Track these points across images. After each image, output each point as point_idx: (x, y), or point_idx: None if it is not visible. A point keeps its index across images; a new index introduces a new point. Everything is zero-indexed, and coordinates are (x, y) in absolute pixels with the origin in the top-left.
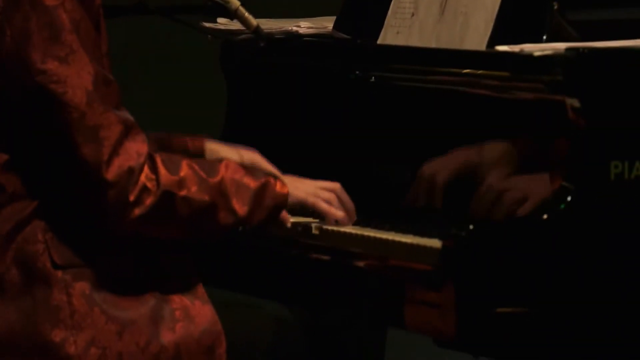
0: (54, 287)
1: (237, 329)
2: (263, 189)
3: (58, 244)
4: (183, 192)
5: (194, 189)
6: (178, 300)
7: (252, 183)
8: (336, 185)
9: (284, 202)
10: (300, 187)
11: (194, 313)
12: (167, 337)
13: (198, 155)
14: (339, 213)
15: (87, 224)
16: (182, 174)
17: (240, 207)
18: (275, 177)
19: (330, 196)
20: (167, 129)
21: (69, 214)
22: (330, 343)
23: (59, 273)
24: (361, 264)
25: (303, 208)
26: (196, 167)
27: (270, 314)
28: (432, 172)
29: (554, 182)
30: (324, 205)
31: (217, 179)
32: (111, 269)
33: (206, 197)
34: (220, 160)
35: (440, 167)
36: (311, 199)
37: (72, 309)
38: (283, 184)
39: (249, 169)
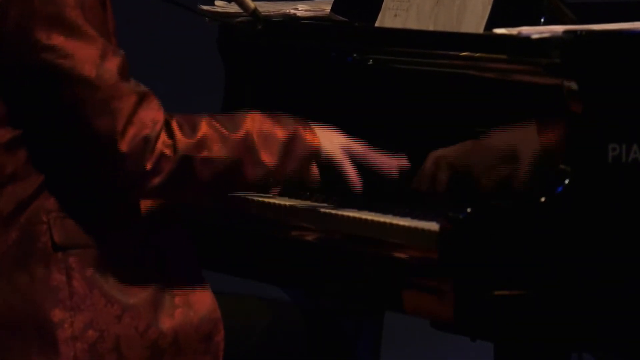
0: (53, 268)
1: (235, 313)
2: (293, 139)
3: (61, 224)
4: (203, 154)
5: (215, 147)
6: (178, 286)
7: (280, 133)
8: (366, 151)
9: (316, 152)
10: (333, 141)
11: (193, 300)
12: (166, 324)
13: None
14: (359, 184)
15: (89, 205)
16: (200, 134)
17: (269, 159)
18: (306, 126)
19: (369, 154)
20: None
21: (72, 194)
22: (328, 326)
23: (59, 254)
24: (359, 247)
25: (329, 164)
26: (217, 124)
27: (268, 298)
28: (430, 157)
29: (551, 165)
30: (349, 169)
31: (241, 133)
32: (113, 252)
33: (229, 154)
34: (244, 113)
35: (439, 152)
36: (339, 157)
37: (72, 290)
38: (314, 134)
39: (277, 119)
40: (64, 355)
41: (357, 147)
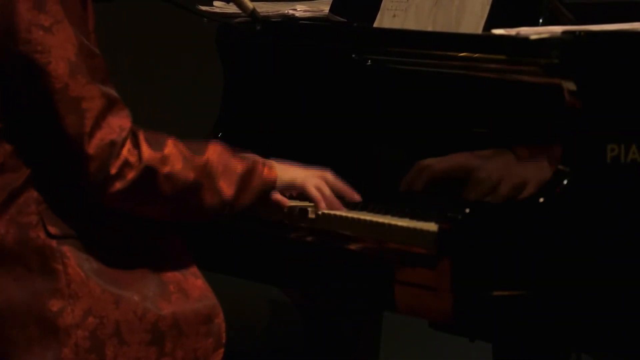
0: (49, 257)
1: (233, 311)
2: (250, 172)
3: (52, 215)
4: (166, 169)
5: (178, 166)
6: (170, 275)
7: (239, 166)
8: (326, 173)
9: (271, 185)
10: (289, 171)
11: (186, 287)
12: (164, 308)
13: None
14: (322, 204)
15: (80, 195)
16: (166, 151)
17: (227, 188)
18: (264, 161)
19: (320, 182)
20: (162, 113)
21: (61, 184)
22: (327, 326)
23: (54, 243)
24: (358, 247)
25: (291, 192)
26: (181, 146)
27: (266, 297)
28: (429, 157)
29: (550, 165)
30: (312, 190)
31: (203, 159)
32: (103, 242)
33: (191, 176)
34: (207, 141)
35: (438, 152)
36: (299, 181)
37: (68, 279)
38: (271, 168)
39: (237, 152)
40: (65, 343)
41: (314, 179)
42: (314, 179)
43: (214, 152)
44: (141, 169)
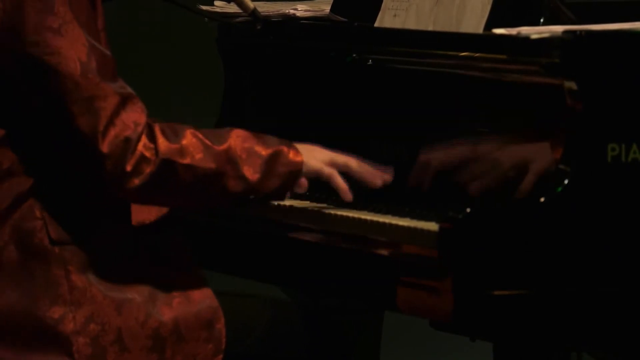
0: (52, 264)
1: (234, 310)
2: (275, 156)
3: (56, 220)
4: (185, 160)
5: (198, 156)
6: (173, 278)
7: (263, 151)
8: (350, 160)
9: (298, 170)
10: (317, 157)
11: (189, 290)
12: (165, 313)
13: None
14: (349, 195)
15: (84, 200)
16: (184, 142)
17: (252, 174)
18: (289, 145)
19: (352, 164)
20: (163, 113)
21: (66, 190)
22: (328, 326)
23: (57, 249)
24: (358, 247)
25: (318, 179)
26: (201, 135)
27: (267, 296)
28: (430, 156)
29: (550, 164)
30: (339, 181)
31: (224, 146)
32: (107, 247)
33: (212, 165)
34: (230, 128)
35: (438, 151)
36: (327, 171)
37: (71, 285)
38: (297, 152)
39: (261, 137)
40: (66, 350)
41: (340, 158)
42: (339, 162)
43: (237, 138)
44: (158, 162)
